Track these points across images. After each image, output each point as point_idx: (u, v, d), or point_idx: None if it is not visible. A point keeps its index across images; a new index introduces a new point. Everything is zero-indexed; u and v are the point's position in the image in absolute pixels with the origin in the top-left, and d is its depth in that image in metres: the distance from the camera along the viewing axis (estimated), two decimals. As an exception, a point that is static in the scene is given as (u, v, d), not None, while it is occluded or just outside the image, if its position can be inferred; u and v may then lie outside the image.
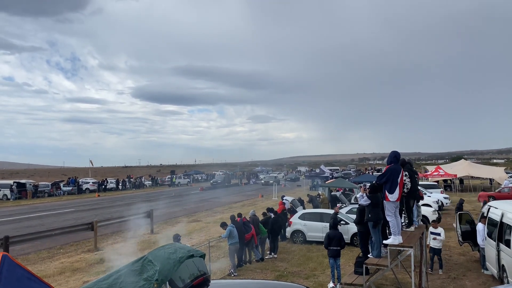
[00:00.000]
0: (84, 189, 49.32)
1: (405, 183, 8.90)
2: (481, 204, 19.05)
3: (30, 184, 44.69)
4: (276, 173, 74.29)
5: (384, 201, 7.92)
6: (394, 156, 8.05)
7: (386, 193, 7.78)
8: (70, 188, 48.02)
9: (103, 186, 51.97)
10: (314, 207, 21.89)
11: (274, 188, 39.65)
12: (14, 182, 43.28)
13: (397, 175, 7.82)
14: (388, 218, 7.87)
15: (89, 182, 51.89)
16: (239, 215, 13.86)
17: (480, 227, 11.86)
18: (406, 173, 9.08)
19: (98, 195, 44.55)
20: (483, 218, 12.00)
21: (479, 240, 11.88)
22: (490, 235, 11.28)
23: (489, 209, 11.86)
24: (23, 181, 46.92)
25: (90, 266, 13.58)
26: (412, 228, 9.34)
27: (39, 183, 48.55)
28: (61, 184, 48.91)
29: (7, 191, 41.06)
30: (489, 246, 11.26)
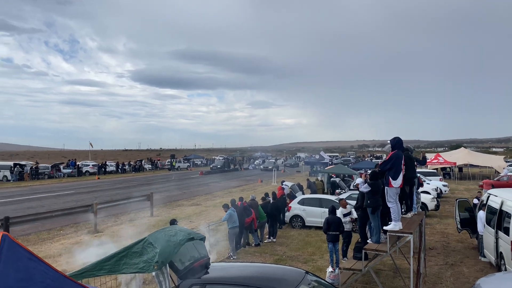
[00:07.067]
0: (84, 171, 49.32)
1: None
2: (482, 192, 19.12)
3: (31, 167, 44.60)
4: (274, 159, 74.41)
5: (386, 187, 7.90)
6: (397, 142, 8.00)
7: (390, 179, 7.74)
8: (70, 170, 48.01)
9: (103, 169, 52.04)
10: (313, 192, 21.95)
11: (274, 173, 39.74)
12: (15, 164, 43.23)
13: (401, 161, 7.79)
14: (389, 205, 7.87)
15: (89, 165, 51.86)
16: (240, 199, 13.88)
17: (481, 215, 11.90)
18: None
19: (98, 178, 44.63)
20: (483, 205, 12.03)
21: (480, 227, 11.92)
22: (489, 222, 11.32)
23: (488, 197, 11.88)
24: (23, 162, 46.91)
25: (91, 248, 13.65)
26: (409, 215, 9.36)
27: (39, 165, 48.57)
28: (61, 166, 48.90)
29: (7, 173, 41.11)
30: (487, 234, 11.31)
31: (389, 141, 8.34)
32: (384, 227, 8.09)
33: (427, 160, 42.28)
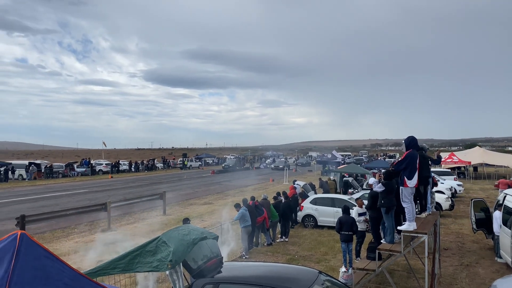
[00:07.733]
0: (97, 170, 49.87)
1: None
2: (499, 191, 18.79)
3: (46, 166, 45.25)
4: (285, 158, 74.30)
5: (401, 187, 7.81)
6: (411, 141, 7.91)
7: (405, 179, 7.66)
8: (84, 169, 48.62)
9: (116, 168, 52.55)
10: (325, 192, 21.85)
11: (285, 172, 39.67)
12: (30, 163, 43.90)
13: (416, 160, 7.71)
14: (404, 204, 7.78)
15: (102, 164, 52.47)
16: (252, 198, 13.87)
17: (497, 215, 11.70)
18: None
19: (111, 177, 45.08)
20: (499, 206, 11.82)
21: (495, 227, 11.71)
22: (505, 223, 11.12)
23: (505, 197, 11.67)
24: (38, 161, 47.64)
25: (104, 246, 13.78)
26: (424, 215, 9.24)
27: (53, 163, 49.26)
28: (75, 165, 49.56)
29: (23, 171, 41.77)
30: (504, 234, 11.11)
31: (403, 141, 8.25)
32: (398, 227, 8.01)
33: (442, 160, 41.77)
